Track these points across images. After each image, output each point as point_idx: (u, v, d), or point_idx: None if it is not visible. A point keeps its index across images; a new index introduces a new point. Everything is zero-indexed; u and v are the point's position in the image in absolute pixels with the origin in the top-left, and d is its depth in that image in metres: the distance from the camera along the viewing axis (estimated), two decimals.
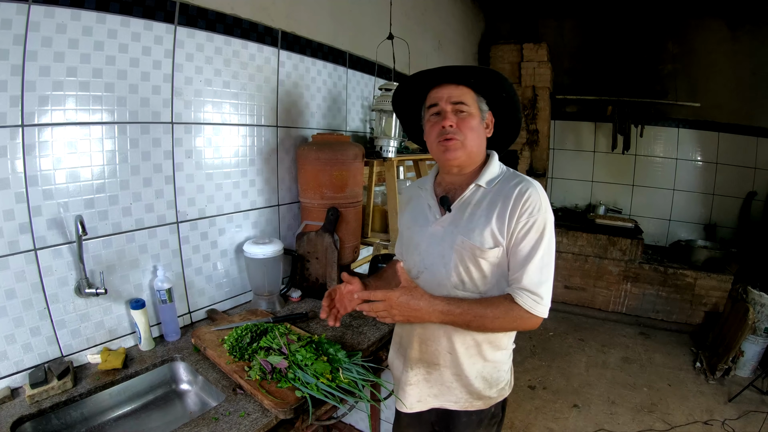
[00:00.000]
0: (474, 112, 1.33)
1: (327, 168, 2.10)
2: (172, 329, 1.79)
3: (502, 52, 4.97)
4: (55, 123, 1.43)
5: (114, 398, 1.55)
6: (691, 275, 4.29)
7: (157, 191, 1.75)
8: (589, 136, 5.29)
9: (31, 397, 1.35)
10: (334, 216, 2.11)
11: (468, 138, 1.31)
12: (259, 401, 1.37)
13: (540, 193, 1.29)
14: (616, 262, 4.55)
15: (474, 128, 1.33)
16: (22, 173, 1.37)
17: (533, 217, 1.26)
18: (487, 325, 1.25)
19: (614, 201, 5.29)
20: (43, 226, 1.43)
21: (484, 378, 1.41)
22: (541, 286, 1.24)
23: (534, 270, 1.24)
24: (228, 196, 2.04)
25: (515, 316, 1.24)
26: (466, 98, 1.33)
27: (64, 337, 1.53)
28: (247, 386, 1.42)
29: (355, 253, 2.30)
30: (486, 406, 1.44)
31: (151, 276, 1.77)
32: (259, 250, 1.97)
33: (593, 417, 3.08)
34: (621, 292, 4.59)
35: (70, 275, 1.52)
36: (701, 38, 4.64)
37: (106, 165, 1.58)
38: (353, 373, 1.45)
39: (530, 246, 1.26)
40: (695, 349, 4.01)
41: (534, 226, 1.26)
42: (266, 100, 2.15)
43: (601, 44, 5.02)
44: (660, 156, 5.03)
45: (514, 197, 1.27)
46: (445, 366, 1.41)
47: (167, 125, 1.75)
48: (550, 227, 1.28)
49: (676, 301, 4.39)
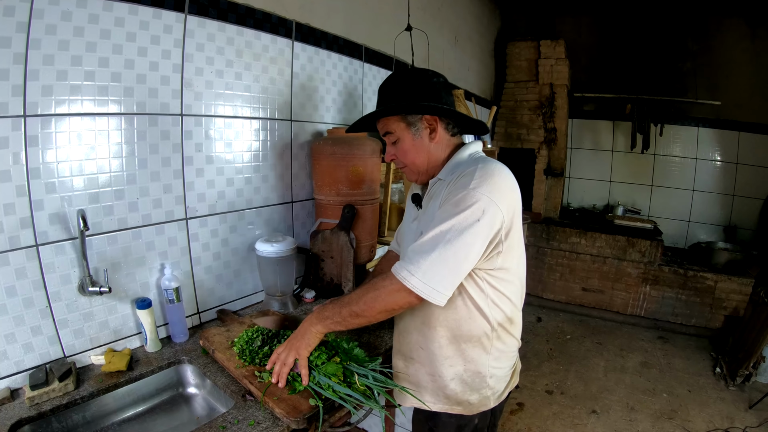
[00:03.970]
0: (402, 134, 1.30)
1: (343, 163, 2.00)
2: (180, 330, 1.70)
3: (518, 49, 4.84)
4: (58, 114, 1.34)
5: (118, 401, 1.47)
6: (711, 278, 4.14)
7: (166, 186, 1.65)
8: (607, 135, 5.13)
9: (30, 399, 1.27)
10: (351, 213, 2.00)
11: (408, 159, 1.33)
12: (270, 409, 1.28)
13: (480, 173, 1.15)
14: (635, 264, 4.40)
15: (409, 149, 1.31)
16: (24, 165, 1.29)
17: (457, 192, 1.14)
18: (371, 305, 1.19)
19: (633, 201, 5.12)
20: (45, 221, 1.35)
21: (464, 381, 1.31)
22: (422, 255, 1.11)
23: (426, 239, 1.13)
24: (239, 192, 1.94)
25: (389, 289, 1.16)
26: (389, 125, 1.32)
27: (67, 337, 1.44)
28: (257, 393, 1.32)
29: (371, 252, 2.20)
30: (467, 412, 1.34)
31: (158, 274, 1.68)
32: (272, 248, 1.87)
33: (612, 424, 2.98)
34: (640, 295, 4.43)
35: (73, 273, 1.43)
36: (720, 36, 4.50)
37: (112, 158, 1.49)
38: (369, 378, 1.34)
39: (439, 218, 1.14)
40: (715, 354, 3.88)
41: (453, 200, 1.13)
42: (280, 93, 2.05)
43: (618, 41, 4.87)
44: (679, 156, 4.87)
45: (454, 178, 1.19)
46: (420, 362, 1.35)
47: (176, 117, 1.66)
48: (476, 210, 1.10)
49: (695, 304, 4.24)
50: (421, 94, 1.26)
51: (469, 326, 1.27)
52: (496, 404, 1.37)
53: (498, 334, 1.29)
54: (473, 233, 1.10)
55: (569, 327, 4.45)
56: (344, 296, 1.29)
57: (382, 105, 1.32)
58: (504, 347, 1.32)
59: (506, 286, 1.27)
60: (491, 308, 1.25)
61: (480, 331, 1.27)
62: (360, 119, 1.40)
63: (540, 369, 3.64)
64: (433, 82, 1.28)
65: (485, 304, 1.25)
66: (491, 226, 1.12)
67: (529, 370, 3.61)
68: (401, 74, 1.35)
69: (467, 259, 1.12)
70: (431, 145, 1.30)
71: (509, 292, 1.28)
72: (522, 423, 2.96)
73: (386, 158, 1.38)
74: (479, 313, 1.25)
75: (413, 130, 1.29)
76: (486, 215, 1.10)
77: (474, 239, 1.10)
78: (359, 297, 1.22)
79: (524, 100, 4.86)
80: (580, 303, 4.71)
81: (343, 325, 1.26)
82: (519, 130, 4.97)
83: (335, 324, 1.27)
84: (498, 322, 1.27)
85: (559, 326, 4.48)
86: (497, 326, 1.28)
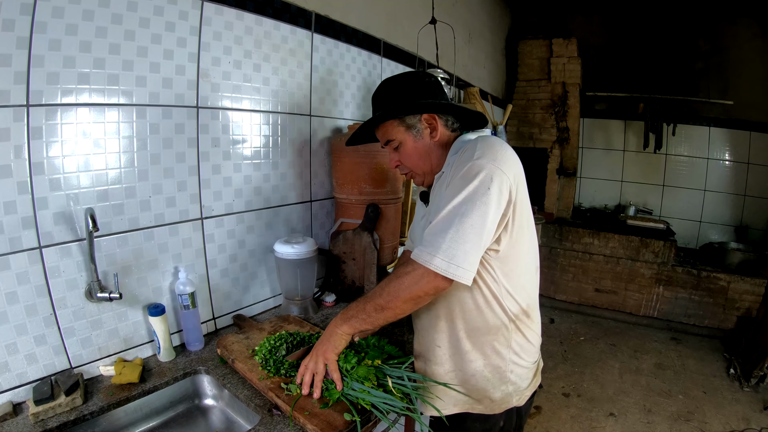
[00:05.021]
0: (402, 137, 1.26)
1: (366, 161, 1.85)
2: (195, 338, 1.55)
3: (530, 47, 4.69)
4: (64, 103, 1.20)
5: (130, 416, 1.32)
6: (724, 278, 4.01)
7: (180, 183, 1.51)
8: (619, 135, 4.97)
9: (35, 415, 1.13)
10: (374, 213, 1.85)
11: (412, 163, 1.29)
12: (301, 425, 1.14)
13: (481, 144, 1.10)
14: (648, 265, 4.25)
15: (411, 152, 1.27)
16: (26, 160, 1.15)
17: (462, 166, 1.08)
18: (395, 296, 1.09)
19: (644, 201, 4.98)
20: (50, 221, 1.21)
21: (485, 377, 1.23)
22: (439, 235, 1.04)
23: (439, 218, 1.06)
24: (257, 190, 1.79)
25: (412, 275, 1.07)
26: (389, 132, 1.28)
27: (73, 347, 1.30)
28: (285, 407, 1.18)
29: (394, 253, 2.05)
30: (489, 410, 1.25)
31: (171, 278, 1.53)
32: (292, 249, 1.72)
33: (630, 426, 2.88)
34: (653, 296, 4.29)
35: (80, 277, 1.29)
36: (732, 35, 4.37)
37: (123, 152, 1.35)
38: (405, 380, 1.19)
39: (448, 194, 1.07)
40: (728, 355, 3.77)
41: (459, 175, 1.07)
42: (299, 87, 1.90)
43: (629, 40, 4.73)
44: (691, 156, 4.73)
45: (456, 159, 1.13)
46: (438, 362, 1.27)
47: (192, 109, 1.51)
48: (484, 178, 1.04)
49: (708, 305, 4.10)
50: (416, 94, 1.24)
51: (486, 318, 1.19)
52: (519, 404, 1.28)
53: (516, 326, 1.21)
54: (486, 202, 1.03)
55: (582, 328, 4.32)
56: (367, 294, 1.20)
57: (377, 112, 1.28)
58: (524, 341, 1.24)
59: (519, 275, 1.19)
60: (506, 298, 1.18)
61: (498, 323, 1.19)
62: (358, 130, 1.35)
63: (555, 371, 3.52)
64: (425, 81, 1.26)
65: (500, 293, 1.17)
66: (501, 192, 1.05)
67: (545, 372, 3.46)
68: (392, 79, 1.31)
69: (485, 229, 1.04)
70: (433, 144, 1.26)
71: (523, 281, 1.21)
72: (540, 427, 2.84)
73: (390, 165, 1.34)
74: (496, 302, 1.17)
75: (414, 132, 1.25)
76: (495, 182, 1.04)
77: (487, 208, 1.04)
78: (382, 289, 1.13)
79: (536, 99, 4.71)
80: (592, 304, 4.57)
81: (369, 322, 1.16)
82: (531, 129, 4.83)
83: (361, 322, 1.17)
84: (514, 313, 1.20)
85: (573, 327, 4.35)
86: (514, 318, 1.20)
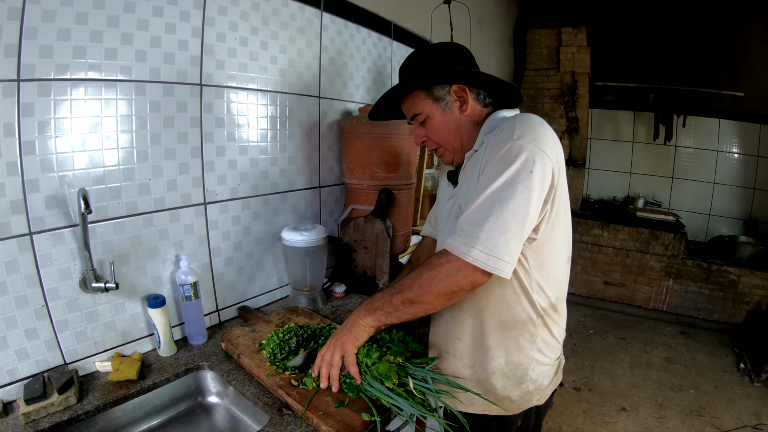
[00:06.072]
0: (430, 110, 1.16)
1: (379, 144, 1.73)
2: (198, 331, 1.44)
3: (539, 36, 4.53)
4: (58, 78, 1.09)
5: (128, 415, 1.22)
6: (734, 272, 3.88)
7: (182, 165, 1.39)
8: (628, 126, 4.82)
9: (26, 416, 1.03)
10: (388, 199, 1.74)
11: (441, 137, 1.18)
12: (315, 426, 1.03)
13: (521, 123, 0.98)
14: (658, 258, 4.12)
15: (440, 127, 1.16)
16: (16, 138, 1.04)
17: (500, 147, 0.96)
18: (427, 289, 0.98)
19: (653, 193, 4.83)
20: (41, 205, 1.10)
21: (505, 374, 1.13)
22: (477, 224, 0.93)
23: (477, 205, 0.95)
24: (264, 174, 1.67)
25: (447, 268, 0.96)
26: (415, 105, 1.17)
27: (67, 341, 1.19)
28: (296, 406, 1.07)
29: (406, 242, 1.94)
30: (507, 411, 1.14)
31: (172, 267, 1.42)
32: (301, 237, 1.60)
33: (643, 421, 2.78)
34: (663, 289, 4.17)
35: (74, 266, 1.18)
36: (743, 27, 4.20)
37: (120, 132, 1.23)
38: (428, 383, 1.07)
39: (485, 179, 0.96)
40: (738, 349, 3.66)
41: (497, 157, 0.96)
42: (308, 67, 1.78)
43: (639, 30, 4.57)
44: (700, 148, 4.57)
45: (491, 138, 1.02)
46: (457, 356, 1.17)
47: (195, 87, 1.39)
48: (526, 161, 0.93)
49: (718, 299, 3.98)
50: (446, 64, 1.13)
51: (513, 311, 1.09)
52: (539, 403, 1.18)
53: (544, 321, 1.11)
54: (528, 188, 0.92)
55: (591, 321, 4.21)
56: (395, 284, 1.08)
57: None
58: (549, 337, 1.14)
59: (552, 267, 1.09)
60: (536, 291, 1.07)
61: (525, 317, 1.09)
62: (381, 99, 1.23)
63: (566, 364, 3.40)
64: (456, 52, 1.16)
65: (530, 285, 1.06)
66: (544, 176, 0.95)
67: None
68: (423, 49, 1.20)
69: (527, 217, 0.93)
70: (463, 118, 1.14)
71: (555, 273, 1.11)
72: (552, 421, 2.74)
73: (416, 141, 1.23)
74: (524, 296, 1.07)
75: (442, 105, 1.14)
76: (537, 165, 0.93)
77: (530, 194, 0.92)
78: (413, 282, 1.01)
79: (545, 88, 4.55)
80: (601, 297, 4.45)
81: (395, 316, 1.05)
82: None
83: (386, 315, 1.06)
84: (543, 307, 1.09)
85: (581, 320, 4.23)
86: (542, 312, 1.10)
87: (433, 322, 1.28)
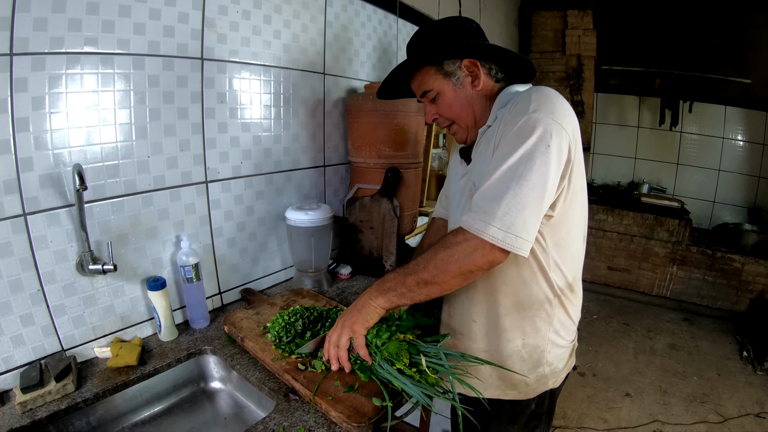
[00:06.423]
0: (440, 86, 1.12)
1: (386, 121, 1.67)
2: (200, 314, 1.39)
3: (544, 18, 4.42)
4: (53, 52, 1.02)
5: (128, 402, 1.17)
6: (738, 260, 3.84)
7: (182, 142, 1.32)
8: (633, 111, 4.74)
9: (22, 405, 0.99)
10: (395, 178, 1.68)
11: (454, 113, 1.14)
12: (323, 412, 0.99)
13: (537, 95, 0.94)
14: (662, 244, 4.08)
15: (452, 102, 1.12)
16: (9, 115, 0.98)
17: (516, 120, 0.93)
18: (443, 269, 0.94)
19: (658, 179, 4.77)
20: (35, 185, 1.04)
21: (522, 357, 1.11)
22: (494, 200, 0.89)
23: (493, 181, 0.92)
24: (267, 152, 1.61)
25: (464, 246, 0.92)
26: (425, 82, 1.13)
27: (64, 327, 1.14)
28: (304, 391, 1.03)
29: (413, 222, 1.89)
30: (522, 396, 1.14)
31: (173, 248, 1.36)
32: (306, 217, 1.55)
33: (647, 407, 2.77)
34: (666, 275, 4.13)
35: (70, 248, 1.12)
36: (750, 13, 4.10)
37: (118, 108, 1.16)
38: (442, 360, 1.01)
39: (501, 153, 0.93)
40: (740, 337, 3.64)
41: (513, 130, 0.92)
42: (312, 43, 1.70)
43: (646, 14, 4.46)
44: (706, 134, 4.50)
45: (505, 112, 0.99)
46: (472, 338, 1.16)
47: (196, 61, 1.32)
48: (543, 134, 0.89)
49: (722, 286, 3.95)
50: (456, 37, 1.09)
51: (530, 291, 1.07)
52: (555, 386, 1.17)
53: (561, 301, 1.09)
54: (546, 162, 0.89)
55: (595, 306, 4.18)
56: (407, 264, 1.02)
57: None
58: (565, 318, 1.12)
59: (569, 245, 1.06)
60: (554, 271, 1.05)
61: (542, 297, 1.07)
62: (389, 76, 1.18)
63: None
64: (466, 26, 1.11)
65: (548, 264, 1.04)
66: (561, 150, 0.91)
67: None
68: (431, 24, 1.15)
69: (545, 192, 0.90)
70: (475, 93, 1.10)
71: (572, 252, 1.08)
72: (557, 407, 2.70)
73: (427, 119, 1.19)
74: (542, 275, 1.05)
75: (453, 80, 1.10)
76: (554, 139, 0.90)
77: (548, 169, 0.89)
78: (427, 261, 0.97)
79: (550, 72, 4.46)
80: (605, 282, 4.41)
81: (409, 297, 1.00)
82: None
83: (399, 296, 1.01)
84: (560, 287, 1.07)
85: (585, 306, 4.15)
86: (559, 292, 1.08)
87: (446, 302, 1.25)
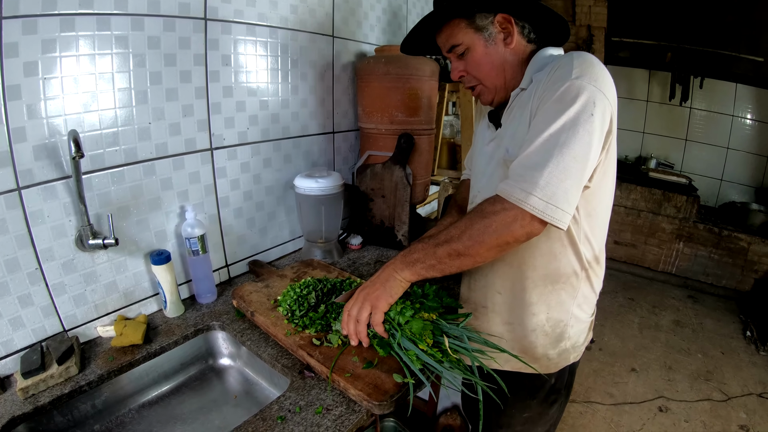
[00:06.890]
0: (471, 41, 1.02)
1: (398, 85, 1.59)
2: (207, 288, 1.34)
3: None
4: (45, 14, 0.94)
5: (134, 383, 1.12)
6: (745, 239, 3.80)
7: (185, 107, 1.24)
8: (642, 84, 4.61)
9: (24, 390, 0.94)
10: (408, 144, 1.60)
11: (483, 72, 1.05)
12: (342, 389, 0.94)
13: (579, 61, 0.87)
14: (669, 219, 4.03)
15: (481, 61, 1.03)
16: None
17: (557, 86, 0.86)
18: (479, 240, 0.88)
19: (666, 155, 4.67)
20: (29, 156, 0.97)
21: (545, 332, 1.08)
22: (535, 168, 0.83)
23: (534, 148, 0.85)
24: (275, 117, 1.52)
25: (503, 216, 0.86)
26: (454, 35, 1.03)
27: (65, 306, 1.08)
28: (320, 368, 0.98)
29: (425, 191, 1.82)
30: (543, 370, 1.11)
31: (177, 220, 1.30)
32: (316, 184, 1.49)
33: (652, 383, 2.78)
34: (672, 252, 4.09)
35: (68, 222, 1.05)
36: None
37: (116, 72, 1.08)
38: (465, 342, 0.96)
39: (541, 120, 0.86)
40: (744, 317, 3.63)
41: (555, 96, 0.85)
42: (321, 4, 1.60)
43: None
44: (716, 111, 4.39)
45: (544, 77, 0.92)
46: (495, 311, 1.12)
47: (199, 21, 1.22)
48: (586, 102, 0.83)
49: (727, 265, 3.92)
50: None
51: (559, 264, 1.03)
52: (575, 360, 1.16)
53: (587, 274, 1.05)
54: (589, 131, 0.83)
55: None
56: (437, 234, 0.96)
57: None
58: (589, 292, 1.09)
59: (599, 215, 1.02)
60: (583, 243, 1.02)
61: (570, 270, 1.03)
62: (417, 26, 1.07)
63: None
64: None
65: (579, 236, 1.00)
66: (603, 119, 0.86)
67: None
68: None
69: (588, 162, 0.85)
70: (507, 52, 1.02)
71: (601, 222, 1.04)
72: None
73: (453, 76, 1.09)
74: (572, 248, 1.01)
75: (485, 36, 1.01)
76: (598, 108, 0.84)
77: (591, 138, 0.84)
78: (461, 232, 0.91)
79: None
80: (611, 257, 4.35)
81: (438, 269, 0.94)
82: None
83: (428, 269, 0.95)
84: (587, 260, 1.04)
85: None
86: (587, 265, 1.04)
87: (466, 274, 1.20)
